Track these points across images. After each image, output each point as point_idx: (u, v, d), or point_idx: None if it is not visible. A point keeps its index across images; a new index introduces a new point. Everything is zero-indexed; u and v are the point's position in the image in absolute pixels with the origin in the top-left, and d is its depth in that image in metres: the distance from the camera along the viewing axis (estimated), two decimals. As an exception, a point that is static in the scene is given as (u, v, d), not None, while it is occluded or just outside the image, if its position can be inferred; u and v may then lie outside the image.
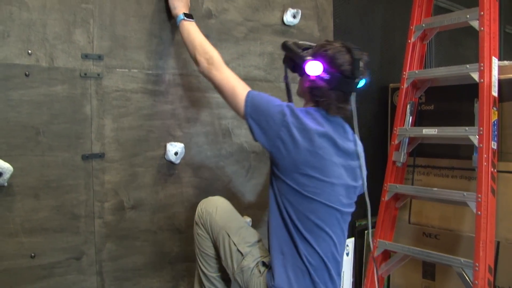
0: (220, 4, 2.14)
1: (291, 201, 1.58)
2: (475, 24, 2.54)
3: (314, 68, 1.58)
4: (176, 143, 1.98)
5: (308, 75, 1.60)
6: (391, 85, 3.25)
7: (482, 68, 2.43)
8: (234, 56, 2.20)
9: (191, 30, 1.79)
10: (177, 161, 1.99)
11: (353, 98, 1.63)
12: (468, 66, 2.51)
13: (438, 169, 2.90)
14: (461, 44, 4.11)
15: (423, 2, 2.88)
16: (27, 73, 1.63)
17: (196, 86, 2.07)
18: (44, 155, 1.67)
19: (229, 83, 1.64)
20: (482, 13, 2.49)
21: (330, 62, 1.57)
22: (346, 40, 2.90)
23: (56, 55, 1.69)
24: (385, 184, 2.75)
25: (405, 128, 2.77)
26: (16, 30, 1.61)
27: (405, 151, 2.76)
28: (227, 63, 2.10)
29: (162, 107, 1.97)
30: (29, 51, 1.63)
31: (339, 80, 1.56)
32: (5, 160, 1.56)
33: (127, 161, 1.87)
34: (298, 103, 1.75)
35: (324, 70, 1.56)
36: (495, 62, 2.49)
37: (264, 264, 1.70)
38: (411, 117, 2.79)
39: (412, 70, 2.80)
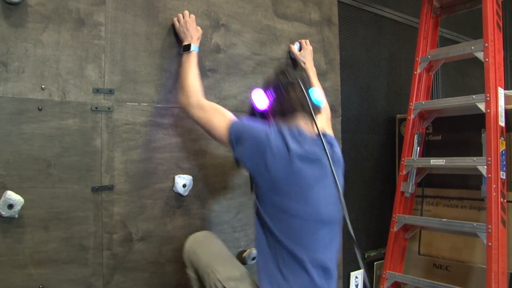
0: (228, 39, 2.20)
1: (270, 215, 1.58)
2: (480, 55, 2.57)
3: (260, 100, 1.75)
4: (184, 175, 2.01)
5: (264, 111, 1.75)
6: (398, 115, 3.27)
7: (488, 98, 2.45)
8: (242, 89, 2.24)
9: (183, 65, 1.88)
10: (185, 193, 2.01)
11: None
12: (474, 96, 2.53)
13: (447, 199, 2.89)
14: (468, 74, 4.15)
15: (428, 34, 2.93)
16: (40, 107, 1.67)
17: (205, 119, 2.10)
18: (55, 187, 1.70)
19: (206, 119, 1.74)
20: (486, 44, 2.53)
21: (268, 90, 1.72)
22: (352, 72, 2.97)
23: (68, 89, 1.74)
24: (394, 215, 2.74)
25: (413, 158, 2.77)
26: (31, 66, 1.66)
27: (413, 182, 2.77)
28: (235, 96, 2.16)
29: (171, 140, 2.00)
30: (43, 86, 1.68)
31: (277, 87, 1.69)
32: (16, 192, 1.59)
33: (136, 193, 1.89)
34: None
35: (268, 95, 1.72)
36: (501, 92, 2.51)
37: None
38: (418, 148, 2.80)
39: (419, 101, 2.83)
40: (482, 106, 2.48)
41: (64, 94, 1.72)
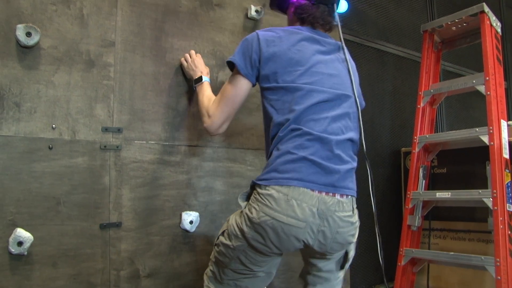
0: (233, 77, 2.25)
1: (280, 100, 1.56)
2: (481, 89, 2.61)
3: None
4: (191, 212, 2.03)
5: (291, 1, 1.71)
6: (403, 149, 3.30)
7: (491, 131, 2.48)
8: (248, 127, 2.29)
9: (200, 95, 1.85)
10: (192, 230, 2.03)
11: (336, 16, 1.73)
12: (477, 129, 2.56)
13: (454, 232, 2.88)
14: (472, 106, 4.19)
15: (430, 68, 2.98)
16: (50, 146, 1.72)
17: (211, 156, 2.14)
18: (64, 224, 1.72)
19: (225, 109, 1.69)
20: (487, 78, 2.57)
21: None
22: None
23: (78, 128, 1.79)
24: (401, 249, 2.73)
25: (419, 192, 2.78)
26: (42, 106, 1.72)
27: (419, 215, 2.76)
28: (240, 133, 2.20)
29: (178, 177, 2.03)
30: (53, 126, 1.73)
31: None
32: (26, 230, 1.62)
33: (143, 230, 1.91)
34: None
35: None
36: (504, 125, 2.54)
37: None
38: (424, 181, 2.81)
39: (423, 135, 2.85)
40: (485, 139, 2.50)
41: (74, 133, 1.77)
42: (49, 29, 1.75)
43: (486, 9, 2.67)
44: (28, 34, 1.67)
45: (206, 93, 1.84)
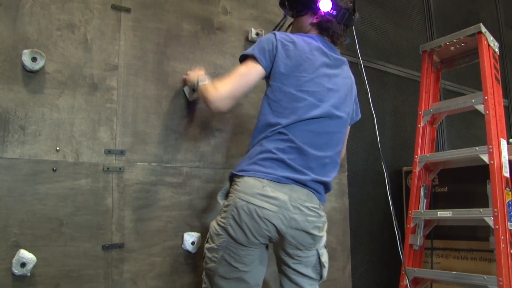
0: (235, 99, 2.29)
1: (278, 101, 1.68)
2: (480, 108, 2.63)
3: (326, 4, 1.78)
4: (193, 233, 2.04)
5: (317, 11, 1.79)
6: (404, 168, 3.31)
7: (491, 150, 2.49)
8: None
9: (201, 91, 1.80)
10: (194, 251, 2.04)
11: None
12: (477, 148, 2.57)
13: (456, 251, 2.87)
14: (473, 125, 4.20)
15: (430, 88, 3.01)
16: (54, 168, 1.75)
17: (213, 178, 2.17)
18: (67, 245, 1.74)
19: (236, 78, 1.70)
20: (486, 97, 2.59)
21: (336, 0, 1.79)
22: (356, 126, 3.03)
23: (81, 151, 1.82)
24: (403, 268, 2.73)
25: (420, 211, 2.78)
26: (47, 129, 1.75)
27: (421, 234, 2.76)
28: (242, 154, 2.21)
29: (180, 198, 2.05)
30: (57, 148, 1.77)
31: (346, 15, 1.79)
32: (29, 251, 1.64)
33: (145, 251, 1.93)
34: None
35: (333, 7, 1.78)
36: (504, 143, 2.55)
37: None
38: (425, 200, 2.82)
39: (424, 154, 2.87)
40: (485, 158, 2.51)
41: (77, 156, 1.80)
42: (54, 54, 1.80)
43: (483, 29, 2.71)
44: (34, 59, 1.71)
45: (207, 85, 1.80)
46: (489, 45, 2.73)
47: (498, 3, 4.86)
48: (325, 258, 1.74)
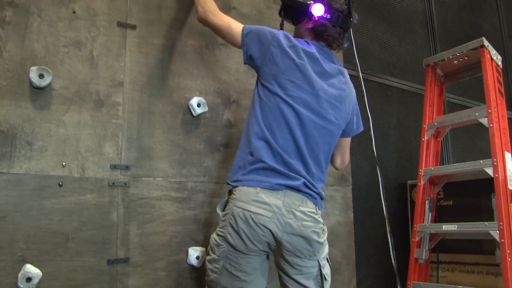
0: (239, 114, 2.31)
1: (267, 104, 1.70)
2: (484, 121, 2.64)
3: (318, 9, 1.78)
4: (197, 248, 2.05)
5: (312, 16, 1.80)
6: (409, 181, 3.30)
7: (495, 163, 2.49)
8: (253, 161, 2.31)
9: None
10: (199, 265, 2.04)
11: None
12: (481, 161, 2.57)
13: (462, 265, 2.85)
14: (478, 137, 4.19)
15: (434, 101, 3.01)
16: (60, 183, 1.77)
17: (218, 192, 2.18)
18: (72, 260, 1.75)
19: (224, 23, 1.82)
20: (489, 110, 2.60)
21: (330, 3, 1.78)
22: (361, 141, 3.05)
23: (87, 166, 1.84)
24: (409, 282, 2.72)
25: (425, 224, 2.78)
26: (53, 145, 1.78)
27: (427, 248, 2.75)
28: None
29: (185, 213, 2.06)
30: (63, 163, 1.79)
31: (340, 18, 1.78)
32: (35, 265, 1.65)
33: (150, 266, 1.93)
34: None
35: (326, 11, 1.77)
36: (508, 156, 2.55)
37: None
38: (430, 213, 2.81)
39: (428, 167, 2.87)
40: (490, 171, 2.51)
41: (83, 171, 1.82)
42: (61, 71, 1.83)
43: (486, 43, 2.72)
44: (41, 76, 1.74)
45: None
46: (492, 59, 2.74)
47: (501, 15, 4.88)
48: (326, 271, 1.74)
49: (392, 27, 3.69)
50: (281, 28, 1.91)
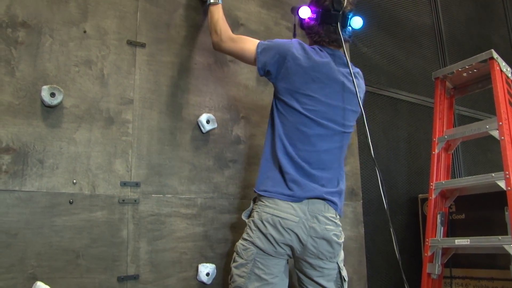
0: (248, 130, 2.32)
1: (287, 118, 1.77)
2: (495, 134, 2.62)
3: (304, 12, 1.86)
4: (207, 264, 2.05)
5: (303, 22, 1.89)
6: (420, 195, 3.28)
7: (507, 176, 2.46)
8: (262, 177, 2.31)
9: (212, 15, 2.03)
10: (209, 282, 2.03)
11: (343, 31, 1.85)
12: (493, 174, 2.55)
13: (476, 280, 2.81)
14: (489, 149, 4.16)
15: (444, 114, 3.00)
16: (71, 200, 1.78)
17: (227, 208, 2.18)
18: (83, 277, 1.76)
19: (237, 48, 1.91)
20: (500, 123, 2.58)
21: (314, 3, 1.85)
22: (371, 156, 3.03)
23: (97, 183, 1.85)
24: (422, 297, 2.68)
25: (437, 239, 2.75)
26: (64, 162, 1.79)
27: (439, 263, 2.72)
28: (254, 185, 2.23)
29: (195, 229, 2.06)
30: (74, 181, 1.80)
31: (322, 14, 1.81)
32: (46, 283, 1.65)
33: (160, 282, 1.93)
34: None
35: (312, 11, 1.84)
36: (520, 170, 2.52)
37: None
38: (442, 228, 2.79)
39: (439, 181, 2.85)
40: (502, 184, 2.49)
41: (93, 188, 1.83)
42: (72, 89, 1.85)
43: (495, 55, 2.71)
44: (52, 95, 1.76)
45: (221, 14, 2.02)
46: (501, 71, 2.73)
47: (509, 27, 4.87)
48: (345, 273, 1.85)
49: (400, 41, 3.70)
50: (294, 36, 1.98)
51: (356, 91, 1.81)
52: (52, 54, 1.84)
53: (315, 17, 1.83)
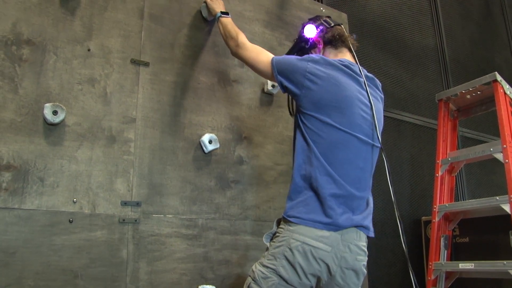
0: (250, 150, 2.31)
1: (320, 135, 1.66)
2: (499, 156, 2.60)
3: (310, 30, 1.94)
4: (208, 286, 2.01)
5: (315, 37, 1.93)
6: (424, 218, 3.25)
7: (512, 200, 2.44)
8: (265, 199, 2.30)
9: (226, 24, 2.08)
10: (208, 304, 2.01)
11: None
12: (497, 198, 2.53)
13: (481, 305, 2.77)
14: (493, 171, 4.14)
15: (447, 136, 2.99)
16: (71, 219, 1.76)
17: (228, 230, 2.15)
18: (81, 298, 1.73)
19: (253, 56, 1.90)
20: (504, 146, 2.57)
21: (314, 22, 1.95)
22: (374, 178, 3.02)
23: (98, 202, 1.83)
24: (426, 322, 2.64)
25: (441, 262, 2.71)
26: (65, 181, 1.78)
27: (443, 287, 2.68)
28: (258, 206, 2.23)
29: (195, 250, 2.03)
30: (74, 200, 1.78)
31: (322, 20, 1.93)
32: (43, 304, 1.63)
33: (159, 304, 1.90)
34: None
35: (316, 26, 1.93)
36: (526, 193, 2.50)
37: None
38: (446, 251, 2.75)
39: (443, 204, 2.82)
40: (507, 208, 2.46)
41: (94, 207, 1.82)
42: (74, 107, 1.85)
43: (499, 77, 2.71)
44: (55, 113, 1.76)
45: (234, 25, 2.07)
46: (505, 93, 2.73)
47: (513, 49, 4.89)
48: None
49: (404, 62, 3.71)
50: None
51: (370, 101, 1.74)
52: (56, 72, 1.84)
53: (323, 26, 1.89)
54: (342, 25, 1.93)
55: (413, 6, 4.04)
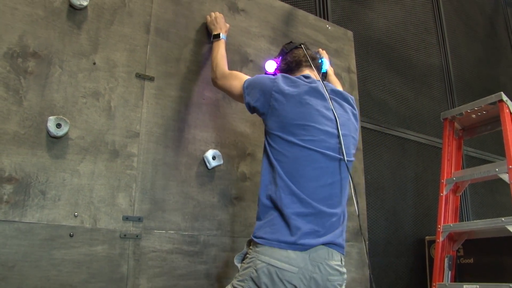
0: (254, 167, 2.30)
1: (285, 154, 1.64)
2: (505, 177, 2.58)
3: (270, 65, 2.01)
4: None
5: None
6: (427, 237, 3.22)
7: (518, 221, 2.41)
8: (267, 215, 2.27)
9: (213, 50, 2.13)
10: (208, 322, 1.98)
11: None
12: (503, 219, 2.50)
13: (486, 328, 2.72)
14: (498, 191, 4.11)
15: (452, 156, 2.97)
16: (71, 233, 1.74)
17: (230, 246, 2.13)
18: (79, 314, 1.71)
19: (228, 85, 1.93)
20: (510, 166, 2.55)
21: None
22: (377, 195, 3.00)
23: (99, 217, 1.81)
24: None
25: (445, 283, 2.68)
26: (66, 194, 1.76)
27: (447, 309, 2.64)
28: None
29: (196, 267, 2.01)
30: (76, 214, 1.77)
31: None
32: (41, 319, 1.61)
33: (159, 322, 1.87)
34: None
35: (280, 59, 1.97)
36: (531, 215, 2.47)
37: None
38: (450, 272, 2.72)
39: (447, 223, 2.79)
40: (512, 230, 2.44)
41: (95, 222, 1.80)
42: (78, 121, 1.84)
43: (505, 97, 2.70)
44: (58, 126, 1.75)
45: (220, 50, 2.11)
46: (511, 113, 2.71)
47: (518, 69, 4.89)
48: None
49: (409, 81, 3.71)
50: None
51: (335, 116, 1.71)
52: (61, 85, 1.83)
53: (280, 58, 1.95)
54: (301, 45, 1.94)
55: (418, 24, 4.05)
